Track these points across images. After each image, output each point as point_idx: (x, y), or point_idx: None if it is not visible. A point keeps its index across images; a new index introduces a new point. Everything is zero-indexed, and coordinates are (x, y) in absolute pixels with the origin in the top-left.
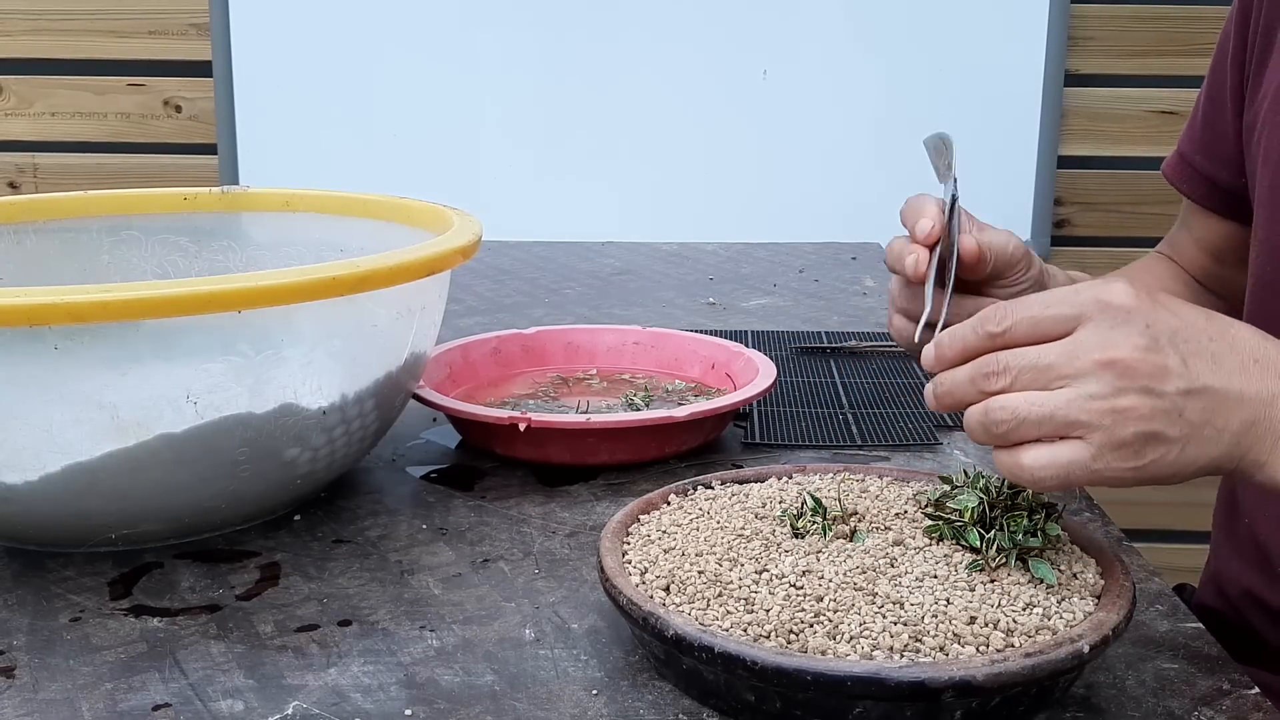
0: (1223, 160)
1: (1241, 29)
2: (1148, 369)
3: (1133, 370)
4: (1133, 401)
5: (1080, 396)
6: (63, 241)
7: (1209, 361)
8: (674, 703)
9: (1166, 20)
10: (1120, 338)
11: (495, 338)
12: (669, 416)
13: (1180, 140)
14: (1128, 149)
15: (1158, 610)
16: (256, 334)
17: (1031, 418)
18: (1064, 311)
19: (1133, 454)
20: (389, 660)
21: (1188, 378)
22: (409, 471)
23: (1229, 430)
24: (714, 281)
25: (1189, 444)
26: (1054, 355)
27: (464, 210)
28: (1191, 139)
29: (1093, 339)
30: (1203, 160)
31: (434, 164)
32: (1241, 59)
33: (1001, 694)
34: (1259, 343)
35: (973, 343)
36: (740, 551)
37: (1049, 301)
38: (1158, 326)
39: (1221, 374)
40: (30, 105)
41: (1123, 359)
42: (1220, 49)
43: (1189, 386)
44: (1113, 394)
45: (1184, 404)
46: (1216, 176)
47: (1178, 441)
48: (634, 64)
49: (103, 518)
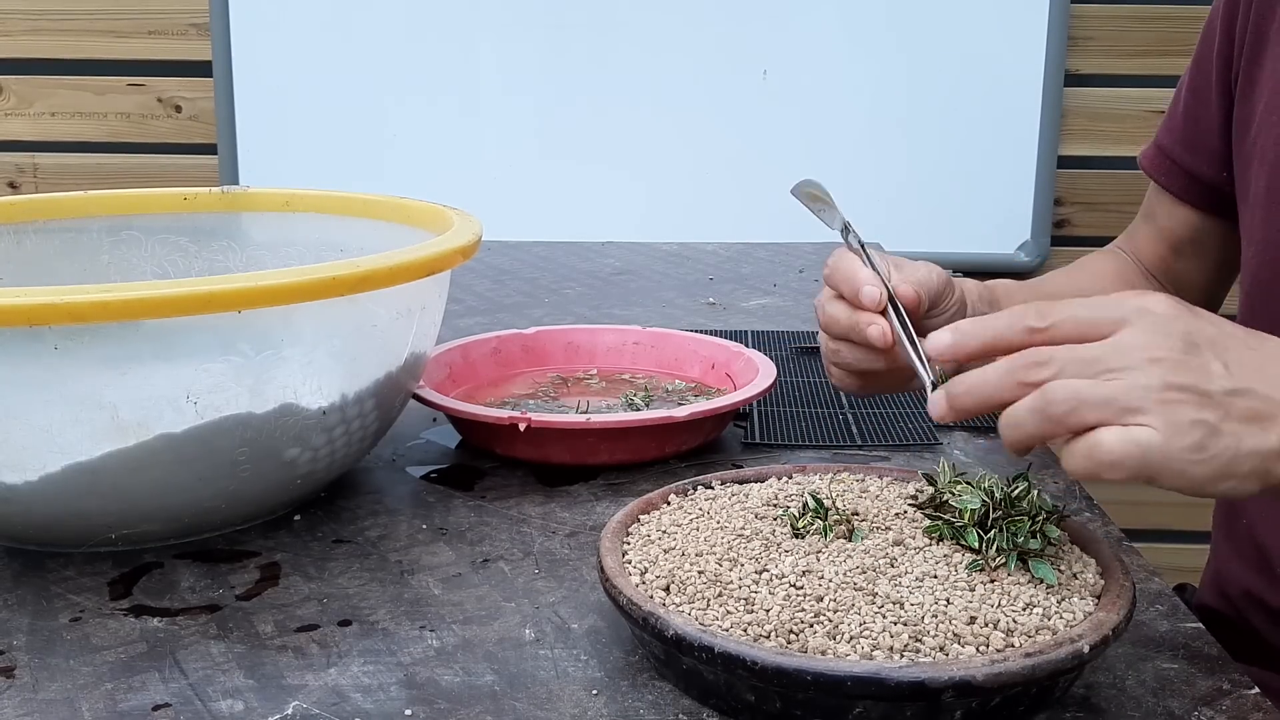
0: (1205, 154)
1: (1229, 23)
2: (1192, 368)
3: (1178, 368)
4: (1182, 395)
5: (1134, 385)
6: (63, 241)
7: (1252, 368)
8: (674, 703)
9: (1166, 20)
10: (1163, 340)
11: (495, 338)
12: (669, 416)
13: (1159, 132)
14: (1128, 149)
15: (1158, 610)
16: (256, 334)
17: (1094, 398)
18: (1108, 314)
19: (1196, 445)
20: (389, 660)
21: (1231, 380)
22: (409, 471)
23: (1275, 429)
24: (714, 281)
25: (1243, 439)
26: (1100, 350)
27: (464, 210)
28: (1172, 131)
29: (1136, 339)
30: (1183, 153)
31: (434, 164)
32: (1229, 54)
33: (1001, 694)
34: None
35: (1007, 337)
36: (740, 551)
37: (1091, 304)
38: (1199, 334)
39: (1264, 379)
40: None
41: (1168, 357)
42: (1205, 42)
43: (1234, 387)
44: (1163, 387)
45: (1230, 402)
46: (1197, 170)
47: (1232, 435)
48: (634, 63)
49: (103, 518)
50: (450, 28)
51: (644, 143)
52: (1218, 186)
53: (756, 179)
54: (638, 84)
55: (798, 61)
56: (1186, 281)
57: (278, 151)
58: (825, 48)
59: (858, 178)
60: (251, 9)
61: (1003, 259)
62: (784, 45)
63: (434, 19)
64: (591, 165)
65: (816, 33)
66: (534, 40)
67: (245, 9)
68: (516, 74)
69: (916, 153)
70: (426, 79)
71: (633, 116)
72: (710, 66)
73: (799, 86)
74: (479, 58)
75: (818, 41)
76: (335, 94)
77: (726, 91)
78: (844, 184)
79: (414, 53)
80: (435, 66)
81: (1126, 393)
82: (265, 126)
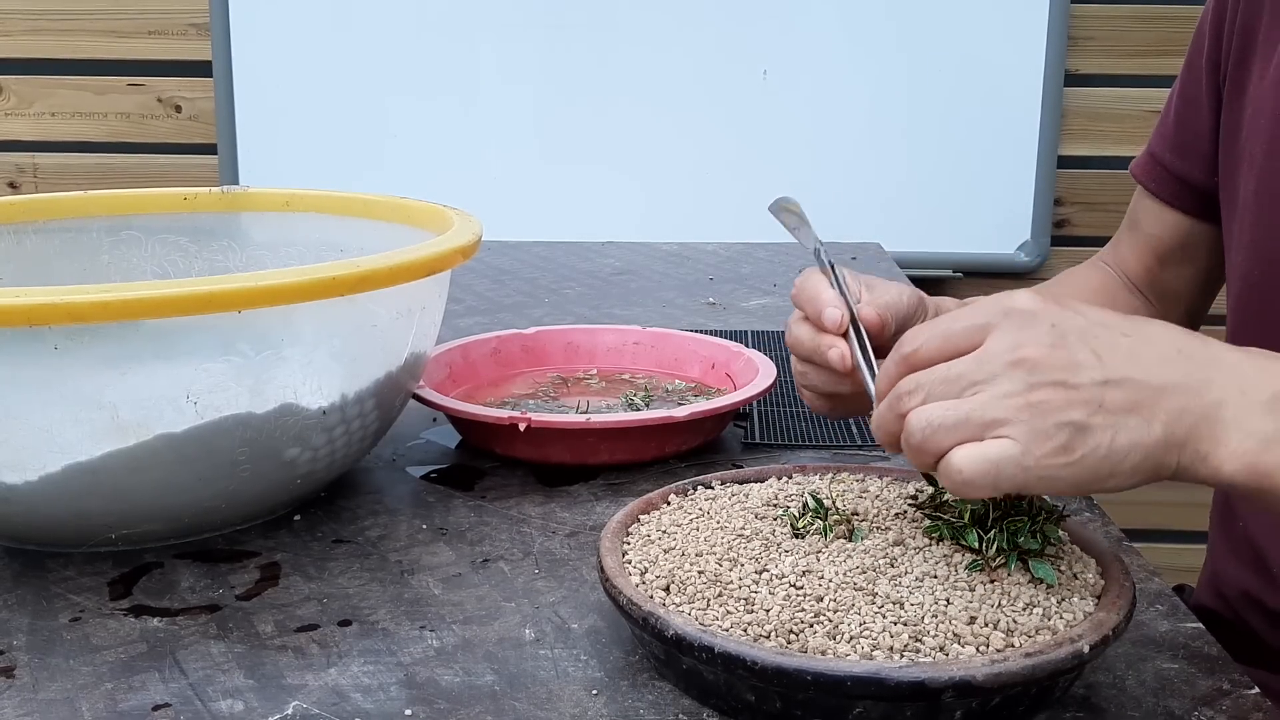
0: (1196, 159)
1: (1217, 27)
2: (1058, 363)
3: (1042, 365)
4: (1047, 395)
5: (994, 396)
6: (63, 241)
7: (1125, 355)
8: (674, 703)
9: (1166, 20)
10: (1027, 338)
11: (495, 338)
12: (669, 416)
13: (1151, 140)
14: (1128, 149)
15: (1158, 610)
16: (256, 334)
17: (947, 421)
18: (972, 322)
19: (1061, 448)
20: (389, 660)
21: (1102, 369)
22: (409, 471)
23: (1158, 418)
24: (714, 281)
25: (1118, 434)
26: (963, 365)
27: (464, 210)
28: (1164, 138)
29: (1000, 343)
30: (1174, 159)
31: (434, 164)
32: (1217, 58)
33: (1001, 694)
34: (1179, 334)
35: (893, 371)
36: (740, 551)
37: (957, 316)
38: (1064, 325)
39: (1140, 366)
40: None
41: (1030, 356)
42: (1195, 47)
43: (1106, 377)
44: (1026, 390)
45: (1103, 394)
46: (1189, 176)
47: (1105, 429)
48: (635, 63)
49: (103, 518)
50: (450, 27)
51: (644, 142)
52: (1208, 191)
53: (757, 179)
54: (638, 84)
55: (798, 61)
56: (1171, 292)
57: (278, 151)
58: (825, 48)
59: (858, 178)
60: (251, 9)
61: (1003, 259)
62: (784, 45)
63: (434, 19)
64: (592, 165)
65: (817, 33)
66: (534, 40)
67: (245, 9)
68: (517, 74)
69: (916, 152)
70: (426, 79)
71: (633, 116)
72: (710, 66)
73: (799, 86)
74: (479, 57)
75: (818, 41)
76: (335, 94)
77: (727, 91)
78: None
79: (414, 53)
80: (435, 66)
81: (983, 406)
82: (265, 126)
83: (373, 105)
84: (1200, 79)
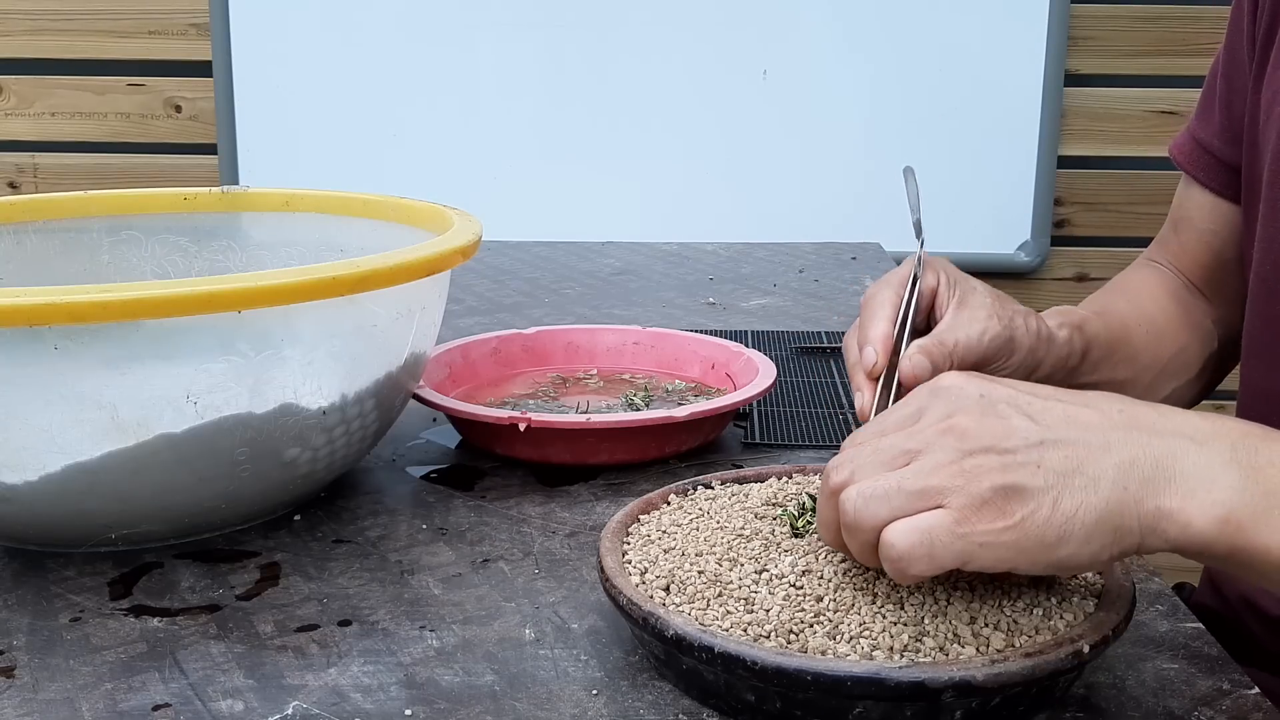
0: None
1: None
2: (989, 430)
3: (973, 434)
4: (981, 460)
5: (925, 466)
6: (63, 241)
7: (1061, 417)
8: (674, 703)
9: (1166, 20)
10: (956, 409)
11: (495, 338)
12: (669, 416)
13: (1192, 124)
14: (1128, 149)
15: (1158, 610)
16: (256, 334)
17: (877, 492)
18: (905, 411)
19: (998, 512)
20: (389, 660)
21: (1038, 431)
22: (409, 471)
23: (1105, 475)
24: (714, 281)
25: (1061, 495)
26: (894, 438)
27: (464, 210)
28: (1209, 123)
29: (931, 416)
30: (1223, 146)
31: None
32: (1253, 34)
33: (1001, 694)
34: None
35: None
36: (740, 551)
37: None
38: (993, 395)
39: (1078, 426)
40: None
41: (961, 424)
42: (1234, 26)
43: (1041, 438)
44: (959, 457)
45: (1040, 455)
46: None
47: (1046, 492)
48: (635, 63)
49: (103, 518)
50: (450, 28)
51: (644, 142)
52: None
53: (757, 179)
54: (638, 84)
55: (798, 62)
56: (1236, 291)
57: (278, 151)
58: (825, 48)
59: (858, 178)
60: (251, 9)
61: (1003, 259)
62: (784, 45)
63: (434, 19)
64: (592, 165)
65: (817, 33)
66: (534, 40)
67: (245, 9)
68: (517, 74)
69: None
70: (426, 79)
71: (633, 116)
72: (710, 67)
73: (799, 86)
74: (479, 58)
75: (818, 42)
76: (335, 94)
77: (727, 91)
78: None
79: (414, 53)
80: (435, 66)
81: (914, 474)
82: (265, 126)
83: (373, 105)
84: (1244, 60)
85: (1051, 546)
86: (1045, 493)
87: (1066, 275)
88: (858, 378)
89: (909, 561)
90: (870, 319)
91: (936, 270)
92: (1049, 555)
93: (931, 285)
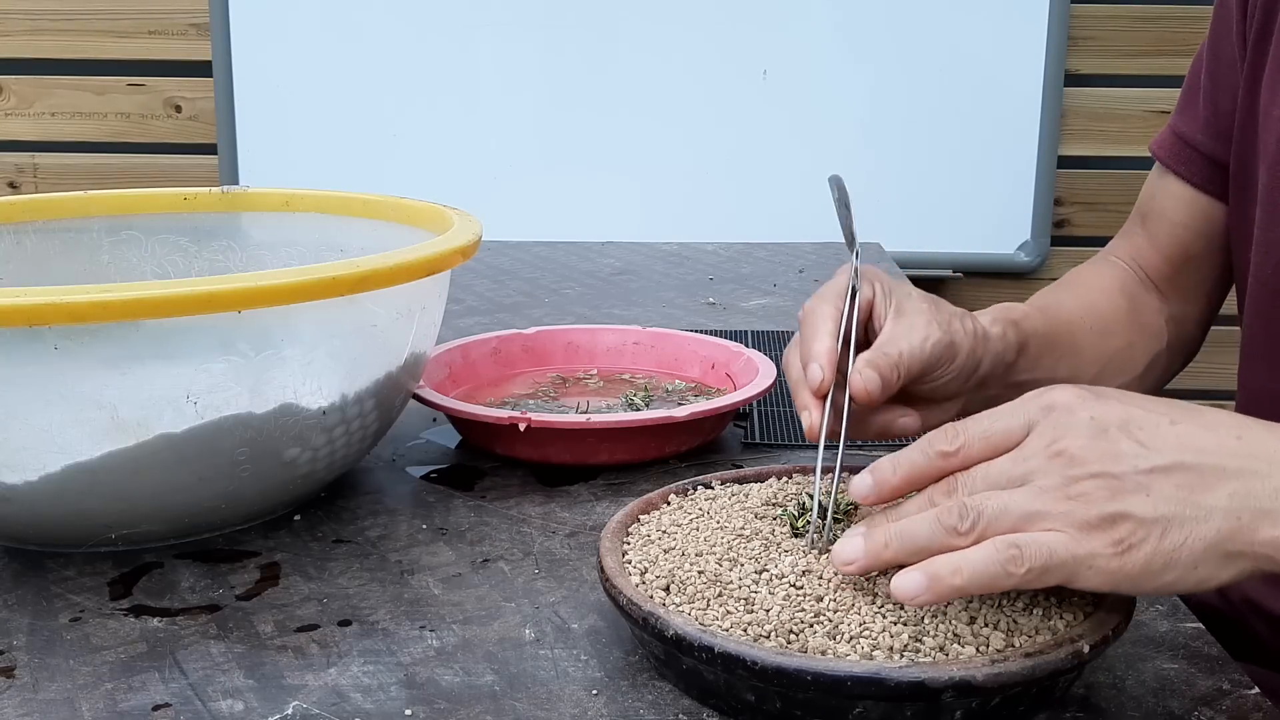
0: (1227, 139)
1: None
2: (1097, 455)
3: (1081, 459)
4: (1088, 486)
5: (1034, 489)
6: (63, 241)
7: (1173, 441)
8: (674, 703)
9: (1166, 20)
10: (1065, 432)
11: (495, 338)
12: (669, 416)
13: (1173, 121)
14: (1128, 149)
15: (1158, 610)
16: (256, 334)
17: (988, 510)
18: (1012, 423)
19: (1110, 541)
20: (389, 660)
21: (1148, 458)
22: (409, 471)
23: (1218, 507)
24: (714, 281)
25: (1170, 525)
26: (1002, 463)
27: (464, 210)
28: (1193, 119)
29: (1040, 440)
30: (1207, 140)
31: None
32: (1244, 32)
33: (1001, 694)
34: (1237, 420)
35: (922, 464)
36: (740, 551)
37: (997, 415)
38: (1105, 418)
39: (1191, 451)
40: (30, 105)
41: (1069, 449)
42: (1222, 23)
43: (1151, 465)
44: (1066, 483)
45: (1149, 481)
46: (1224, 158)
47: (1155, 522)
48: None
49: (103, 518)
50: (451, 28)
51: (644, 142)
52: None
53: (757, 179)
54: (638, 83)
55: (798, 61)
56: (1193, 288)
57: (278, 151)
58: (825, 48)
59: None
60: (251, 9)
61: (1003, 259)
62: (784, 45)
63: (434, 19)
64: (592, 165)
65: (817, 33)
66: (534, 40)
67: (245, 9)
68: (517, 74)
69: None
70: (427, 79)
71: (633, 116)
72: (710, 66)
73: (799, 86)
74: (479, 58)
75: (818, 41)
76: (335, 94)
77: (727, 91)
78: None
79: (414, 53)
80: (435, 66)
81: (1024, 496)
82: (265, 126)
83: (373, 105)
84: (1232, 57)
85: (1157, 573)
86: (1154, 522)
87: None
88: (803, 395)
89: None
90: (812, 335)
91: (870, 281)
92: (1154, 582)
93: (868, 297)
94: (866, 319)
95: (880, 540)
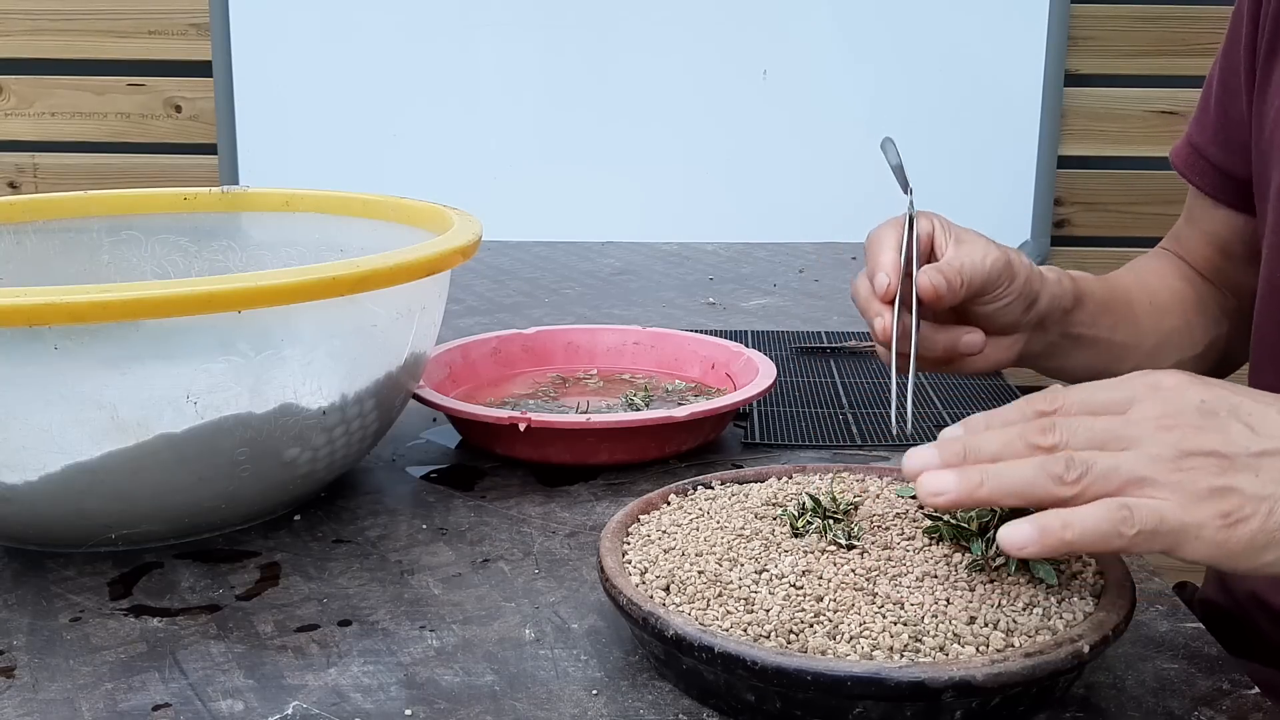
0: (1238, 150)
1: (1254, 11)
2: (1210, 436)
3: (1193, 437)
4: (1199, 463)
5: (1145, 455)
6: (63, 241)
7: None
8: (674, 703)
9: (1166, 20)
10: (1175, 410)
11: (495, 338)
12: (669, 416)
13: (1190, 129)
14: (1128, 149)
15: (1158, 610)
16: (256, 334)
17: (1098, 467)
18: (1115, 394)
19: (1219, 513)
20: (389, 660)
21: (1258, 440)
22: (409, 471)
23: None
24: (714, 281)
25: (1277, 504)
26: (1110, 421)
27: (464, 210)
28: (1205, 128)
29: (1148, 411)
30: (1216, 151)
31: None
32: (1254, 43)
33: (1001, 694)
34: None
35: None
36: (740, 551)
37: (1099, 385)
38: (1215, 401)
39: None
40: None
41: (1180, 424)
42: (1233, 32)
43: (1262, 448)
44: (1177, 456)
45: (1258, 463)
46: (1232, 168)
47: (1263, 500)
48: (635, 63)
49: (103, 518)
50: (451, 28)
51: (644, 142)
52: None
53: (757, 179)
54: (638, 83)
55: (798, 61)
56: (1243, 286)
57: (278, 151)
58: (825, 48)
59: (858, 177)
60: (251, 9)
61: None
62: (784, 45)
63: (434, 19)
64: (592, 165)
65: (817, 33)
66: (534, 40)
67: (245, 9)
68: (517, 74)
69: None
70: (427, 79)
71: (633, 116)
72: (710, 66)
73: (799, 86)
74: (479, 58)
75: (818, 41)
76: (335, 94)
77: (727, 91)
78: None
79: (414, 53)
80: (435, 66)
81: (1134, 460)
82: (265, 126)
83: (373, 105)
84: (1239, 66)
85: (1260, 550)
86: (1263, 500)
87: None
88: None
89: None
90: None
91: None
92: (1254, 559)
93: (927, 230)
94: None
95: (975, 479)
